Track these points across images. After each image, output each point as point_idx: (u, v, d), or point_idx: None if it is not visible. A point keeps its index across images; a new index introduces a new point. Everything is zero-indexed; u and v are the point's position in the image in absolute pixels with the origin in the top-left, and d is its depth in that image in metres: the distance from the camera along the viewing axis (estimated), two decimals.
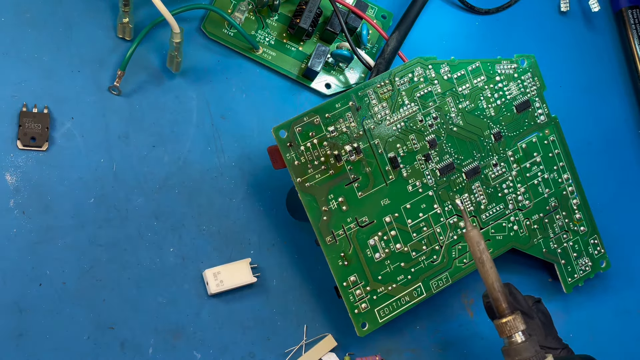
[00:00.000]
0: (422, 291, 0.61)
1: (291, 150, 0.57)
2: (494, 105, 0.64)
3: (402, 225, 0.61)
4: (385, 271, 0.60)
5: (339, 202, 0.59)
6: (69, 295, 0.59)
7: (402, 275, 0.61)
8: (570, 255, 0.66)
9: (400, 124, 0.61)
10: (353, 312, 0.59)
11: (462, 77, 0.63)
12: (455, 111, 0.62)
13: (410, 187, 0.61)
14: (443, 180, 0.62)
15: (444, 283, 0.62)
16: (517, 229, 0.64)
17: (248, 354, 0.62)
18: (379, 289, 0.60)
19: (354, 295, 0.59)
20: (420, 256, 0.61)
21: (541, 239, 0.65)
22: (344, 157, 0.59)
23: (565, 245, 0.66)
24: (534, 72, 0.65)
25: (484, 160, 0.63)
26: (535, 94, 0.65)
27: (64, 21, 0.63)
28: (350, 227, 0.59)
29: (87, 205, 0.60)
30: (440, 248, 0.62)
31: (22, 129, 0.60)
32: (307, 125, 0.58)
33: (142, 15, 0.64)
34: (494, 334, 0.66)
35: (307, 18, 0.64)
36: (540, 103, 0.65)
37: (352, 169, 0.59)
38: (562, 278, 0.66)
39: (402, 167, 0.61)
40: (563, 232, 0.66)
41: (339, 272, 0.59)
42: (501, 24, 0.73)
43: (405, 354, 0.65)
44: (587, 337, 0.69)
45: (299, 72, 0.67)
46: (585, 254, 0.67)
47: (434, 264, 0.62)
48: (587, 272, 0.67)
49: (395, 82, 0.61)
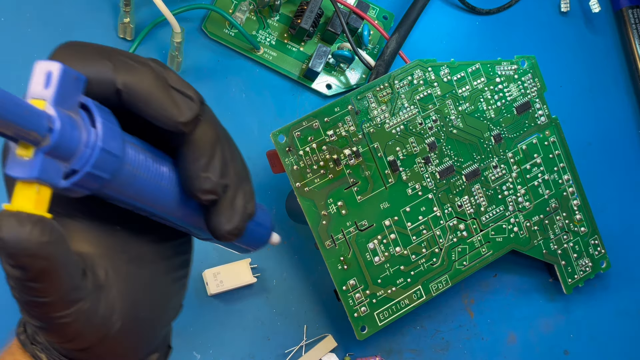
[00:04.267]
0: (422, 294, 0.61)
1: (290, 155, 0.57)
2: (494, 107, 0.64)
3: (401, 228, 0.61)
4: (385, 274, 0.60)
5: (338, 206, 0.59)
6: None
7: (402, 279, 0.61)
8: (570, 256, 0.66)
9: (399, 127, 0.60)
10: (352, 316, 0.59)
11: (462, 79, 0.62)
12: (455, 113, 0.62)
13: (409, 190, 0.61)
14: (443, 183, 0.62)
15: (443, 286, 0.62)
16: (517, 230, 0.64)
17: (248, 354, 0.62)
18: (379, 292, 0.60)
19: (354, 299, 0.59)
20: (420, 259, 0.61)
21: (541, 240, 0.65)
22: (343, 161, 0.59)
23: (565, 246, 0.66)
24: (534, 73, 0.65)
25: (484, 163, 0.63)
26: (536, 95, 0.65)
27: (64, 21, 0.62)
28: (350, 231, 0.59)
29: None
30: (440, 251, 0.62)
31: None
32: (306, 129, 0.58)
33: (143, 15, 0.64)
34: (494, 335, 0.67)
35: (308, 18, 0.64)
36: (540, 104, 0.65)
37: (352, 172, 0.59)
38: (562, 279, 0.66)
39: (402, 170, 0.61)
40: (563, 233, 0.66)
41: (338, 276, 0.59)
42: (501, 24, 0.72)
43: (405, 355, 0.65)
44: (587, 338, 0.69)
45: (299, 73, 0.66)
46: (586, 254, 0.67)
47: (434, 267, 0.62)
48: (587, 273, 0.67)
49: (395, 85, 0.60)
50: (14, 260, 0.29)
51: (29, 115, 0.27)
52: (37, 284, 0.30)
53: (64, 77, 0.29)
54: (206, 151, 0.34)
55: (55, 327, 0.32)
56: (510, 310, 0.68)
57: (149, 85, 0.32)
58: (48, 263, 0.29)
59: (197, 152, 0.34)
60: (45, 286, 0.30)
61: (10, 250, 0.28)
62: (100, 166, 0.30)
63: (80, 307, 0.32)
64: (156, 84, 0.32)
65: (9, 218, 0.28)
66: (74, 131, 0.29)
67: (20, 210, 0.29)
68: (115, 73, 0.32)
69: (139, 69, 0.32)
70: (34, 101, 0.28)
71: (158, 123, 0.32)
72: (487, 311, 0.68)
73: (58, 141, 0.28)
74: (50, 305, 0.31)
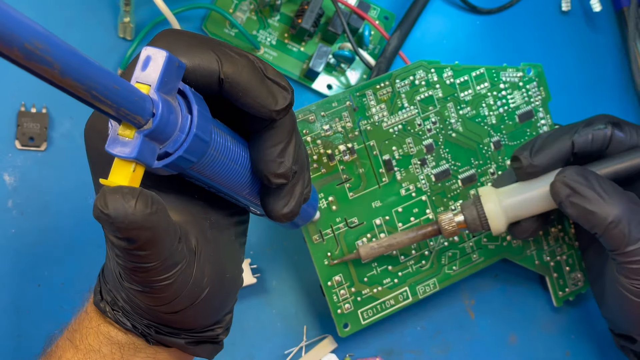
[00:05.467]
0: (408, 295, 0.61)
1: None
2: (496, 113, 0.63)
3: (392, 228, 0.60)
4: (372, 273, 0.60)
5: (329, 201, 0.58)
6: (67, 296, 0.59)
7: (389, 279, 0.60)
8: (563, 268, 0.65)
9: (397, 127, 0.60)
10: (336, 312, 0.59)
11: (465, 82, 0.62)
12: (456, 117, 0.62)
13: (403, 191, 0.60)
14: (438, 186, 0.61)
15: (431, 289, 0.61)
16: (510, 239, 0.63)
17: (247, 355, 0.62)
18: (364, 290, 0.60)
19: (338, 295, 0.59)
20: (409, 260, 0.61)
21: (534, 250, 0.64)
22: (337, 157, 0.58)
23: (558, 258, 0.65)
24: (540, 82, 0.64)
25: (482, 168, 0.63)
26: (540, 104, 0.64)
27: (64, 21, 0.63)
28: (339, 227, 0.59)
29: (85, 205, 0.60)
30: (430, 254, 0.61)
31: (20, 128, 0.60)
32: (302, 122, 0.57)
33: (143, 15, 0.64)
34: (495, 335, 0.66)
35: (309, 18, 0.64)
36: (544, 113, 0.64)
37: (345, 169, 0.59)
38: (553, 291, 0.65)
39: (397, 170, 0.60)
40: (557, 245, 0.65)
41: (324, 271, 0.59)
42: (502, 24, 0.72)
43: (406, 355, 0.65)
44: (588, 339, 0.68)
45: (300, 73, 0.66)
46: (579, 268, 0.66)
47: (423, 269, 0.61)
48: (579, 287, 0.66)
49: (396, 84, 0.60)
50: (122, 233, 0.31)
51: (138, 101, 0.29)
52: (142, 252, 0.32)
53: (168, 64, 0.31)
54: (284, 137, 0.37)
55: (156, 291, 0.34)
56: (511, 311, 0.67)
57: (249, 76, 0.35)
58: (153, 232, 0.32)
59: (276, 138, 0.36)
60: (149, 253, 0.32)
61: (119, 225, 0.30)
62: (191, 151, 0.32)
63: (178, 271, 0.34)
64: (255, 74, 0.35)
65: (113, 195, 0.30)
66: (171, 116, 0.31)
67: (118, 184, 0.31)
68: (219, 63, 0.34)
69: (239, 60, 0.35)
70: (139, 85, 0.31)
71: (253, 111, 0.35)
72: (488, 312, 0.67)
73: (158, 125, 0.30)
74: (153, 271, 0.33)
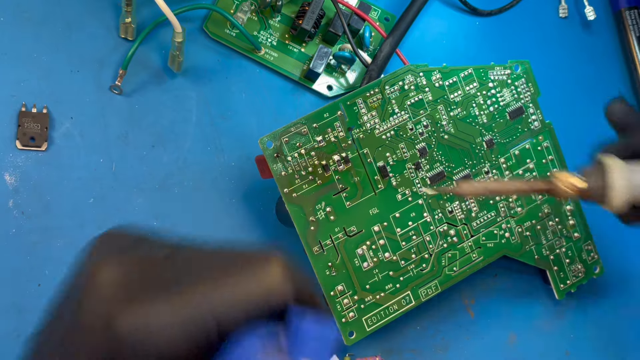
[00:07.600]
0: (411, 299, 0.61)
1: (278, 161, 0.57)
2: (487, 112, 0.63)
3: (391, 234, 0.61)
4: (374, 280, 0.60)
5: (326, 212, 0.59)
6: None
7: (391, 284, 0.61)
8: (563, 261, 0.66)
9: (390, 133, 0.60)
10: (341, 321, 0.59)
11: (453, 84, 0.62)
12: (447, 119, 0.62)
13: (399, 196, 0.61)
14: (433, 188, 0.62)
15: (433, 291, 0.62)
16: (508, 236, 0.64)
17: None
18: (367, 297, 0.60)
19: (342, 304, 0.60)
20: (410, 264, 0.61)
21: (533, 245, 0.65)
22: (332, 167, 0.59)
23: (558, 251, 0.65)
24: (528, 78, 0.64)
25: (476, 168, 0.63)
26: (529, 100, 0.64)
27: (64, 21, 0.63)
28: (338, 236, 0.59)
29: (86, 205, 0.61)
30: (430, 256, 0.62)
31: (21, 128, 0.60)
32: (295, 135, 0.58)
33: (144, 15, 0.65)
34: (495, 335, 0.67)
35: (309, 19, 0.64)
36: (534, 109, 0.65)
37: (340, 178, 0.59)
38: (555, 284, 0.66)
39: (392, 176, 0.61)
40: (556, 238, 0.65)
41: (326, 281, 0.59)
42: (501, 26, 0.72)
43: (405, 355, 0.65)
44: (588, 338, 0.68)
45: (300, 74, 0.67)
46: (579, 259, 0.66)
47: (423, 272, 0.62)
48: (580, 279, 0.66)
49: (385, 90, 0.60)
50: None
51: None
52: None
53: None
54: None
55: None
56: (510, 311, 0.68)
57: None
58: None
59: None
60: None
61: None
62: None
63: None
64: None
65: None
66: None
67: None
68: None
69: None
70: None
71: None
72: (488, 311, 0.68)
73: None
74: None
